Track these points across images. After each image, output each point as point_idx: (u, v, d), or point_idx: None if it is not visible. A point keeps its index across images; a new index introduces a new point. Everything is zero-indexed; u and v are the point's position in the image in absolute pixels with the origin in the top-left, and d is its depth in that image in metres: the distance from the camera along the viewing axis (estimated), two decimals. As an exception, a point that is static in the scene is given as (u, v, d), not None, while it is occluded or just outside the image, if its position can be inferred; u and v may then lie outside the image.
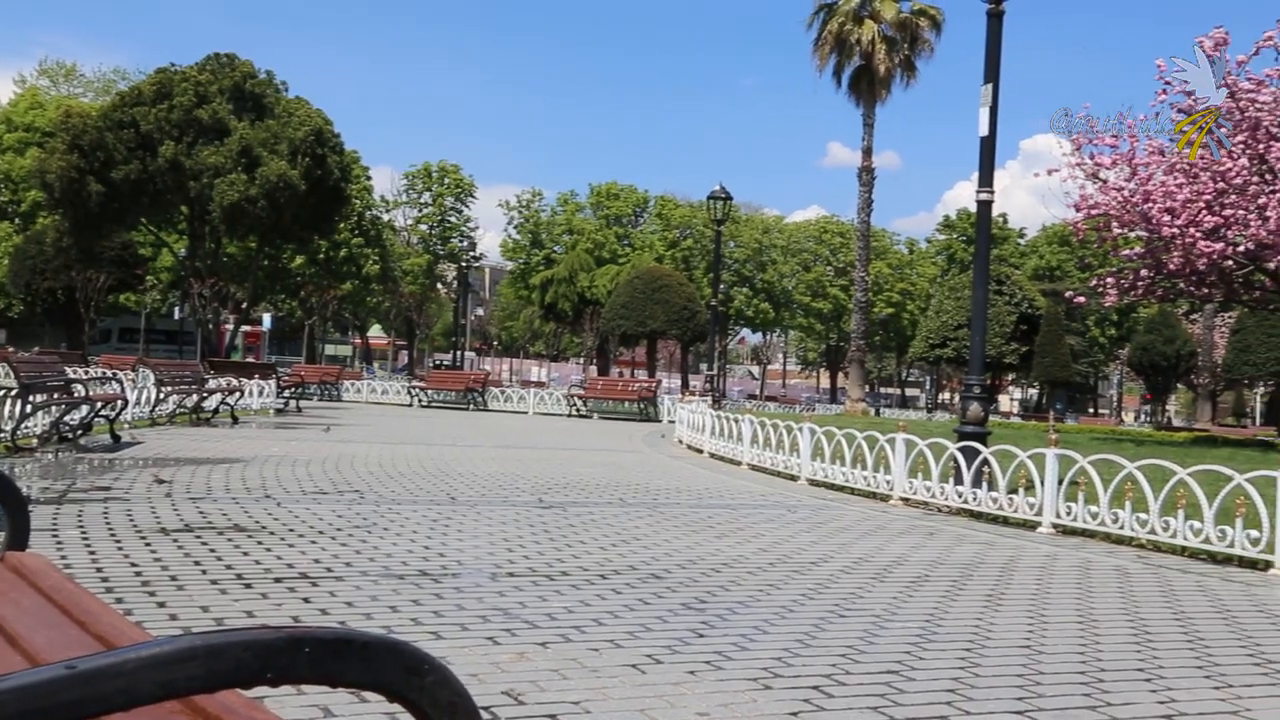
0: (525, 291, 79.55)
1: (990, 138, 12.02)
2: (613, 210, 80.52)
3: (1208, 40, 20.02)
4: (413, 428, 24.01)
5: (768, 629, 5.53)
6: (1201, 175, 20.13)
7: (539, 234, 79.77)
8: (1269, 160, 19.86)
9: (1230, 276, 22.42)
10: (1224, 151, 19.91)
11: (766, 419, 17.06)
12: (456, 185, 76.38)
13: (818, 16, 43.21)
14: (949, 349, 53.81)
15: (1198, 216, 19.78)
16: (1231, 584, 7.83)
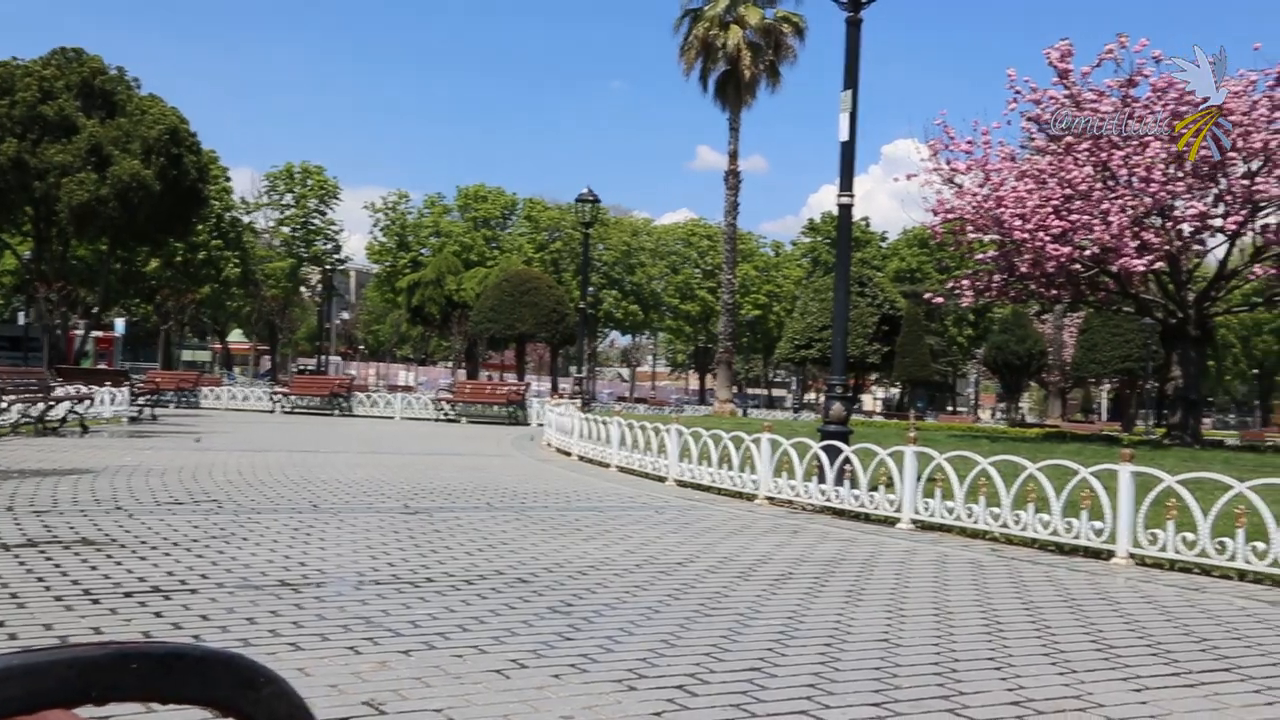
0: (392, 295, 78.34)
1: (850, 143, 12.28)
2: (481, 212, 79.94)
3: (1054, 51, 20.83)
4: (275, 434, 23.45)
5: (633, 630, 5.56)
6: (1049, 181, 20.90)
7: (406, 236, 78.69)
8: (1111, 167, 20.73)
9: (1077, 279, 23.32)
10: (1069, 158, 20.73)
11: (635, 421, 17.14)
12: (320, 187, 74.88)
13: (684, 21, 43.64)
14: (814, 350, 54.79)
15: (1046, 221, 20.51)
16: (1077, 573, 8.15)
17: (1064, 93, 21.11)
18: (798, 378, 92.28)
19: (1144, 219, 20.97)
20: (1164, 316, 23.79)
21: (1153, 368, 53.55)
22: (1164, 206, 21.28)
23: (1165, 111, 20.23)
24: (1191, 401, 23.64)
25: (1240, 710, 4.50)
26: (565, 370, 68.64)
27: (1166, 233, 21.54)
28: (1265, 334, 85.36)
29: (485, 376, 70.92)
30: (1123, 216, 20.07)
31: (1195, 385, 23.72)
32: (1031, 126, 22.41)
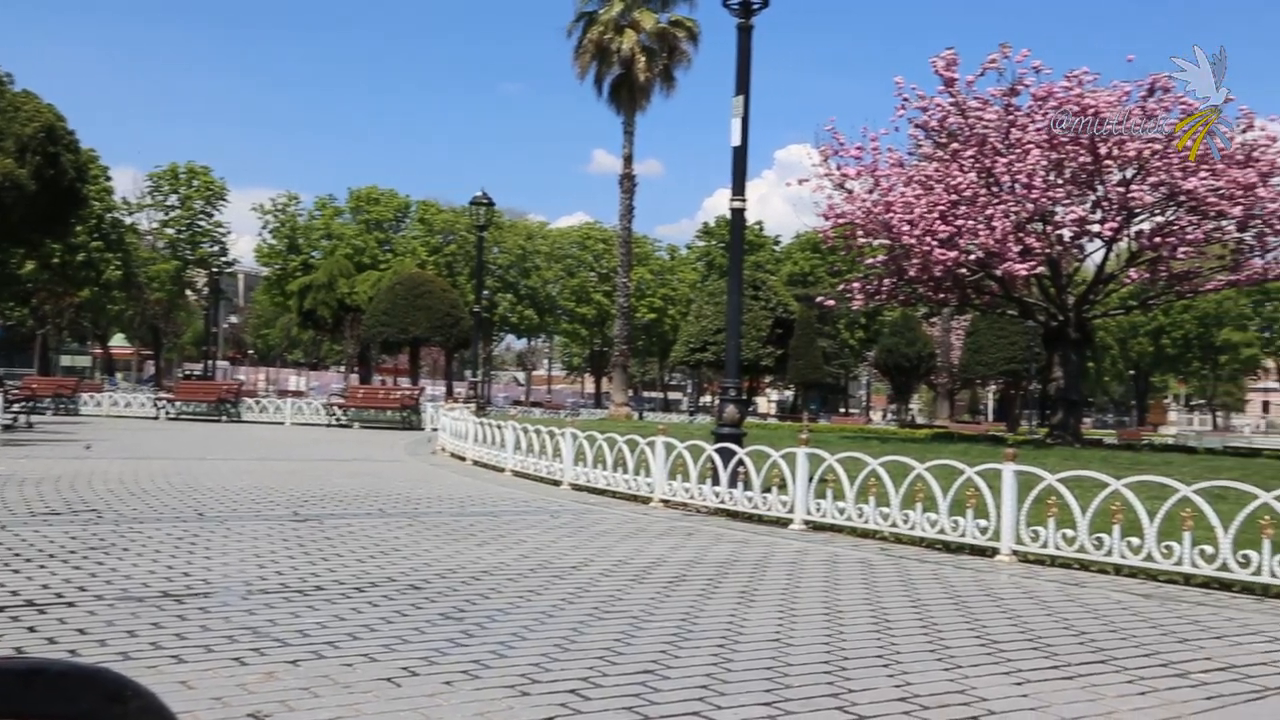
0: (282, 298, 76.76)
1: (742, 147, 12.41)
2: (373, 215, 78.78)
3: (940, 60, 21.32)
4: (159, 441, 22.84)
5: (527, 635, 5.53)
6: (936, 187, 21.39)
7: (296, 239, 77.15)
8: (995, 174, 21.29)
9: (963, 282, 23.90)
10: (955, 164, 21.23)
11: (530, 425, 17.07)
12: (206, 188, 73.01)
13: (578, 24, 43.61)
14: (709, 353, 55.17)
15: (934, 226, 20.98)
16: (963, 571, 8.34)
17: (949, 101, 21.62)
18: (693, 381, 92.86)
19: (1026, 224, 21.58)
20: (1046, 319, 24.49)
21: (1036, 369, 55.09)
22: (1045, 212, 21.94)
23: (1045, 120, 20.85)
24: (1072, 402, 24.37)
25: (1115, 700, 4.65)
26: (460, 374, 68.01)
27: (1047, 238, 22.20)
28: (1141, 336, 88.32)
29: (379, 381, 69.94)
30: (1006, 222, 20.62)
31: (1076, 386, 24.47)
32: (919, 133, 22.92)
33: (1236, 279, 23.52)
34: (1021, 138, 20.90)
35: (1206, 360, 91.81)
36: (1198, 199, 20.52)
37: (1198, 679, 5.07)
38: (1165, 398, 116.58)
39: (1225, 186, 20.39)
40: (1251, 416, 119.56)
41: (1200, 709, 4.56)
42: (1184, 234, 21.47)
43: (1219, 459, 21.62)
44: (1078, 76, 20.84)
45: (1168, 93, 20.81)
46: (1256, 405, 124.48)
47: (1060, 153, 20.81)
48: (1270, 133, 21.11)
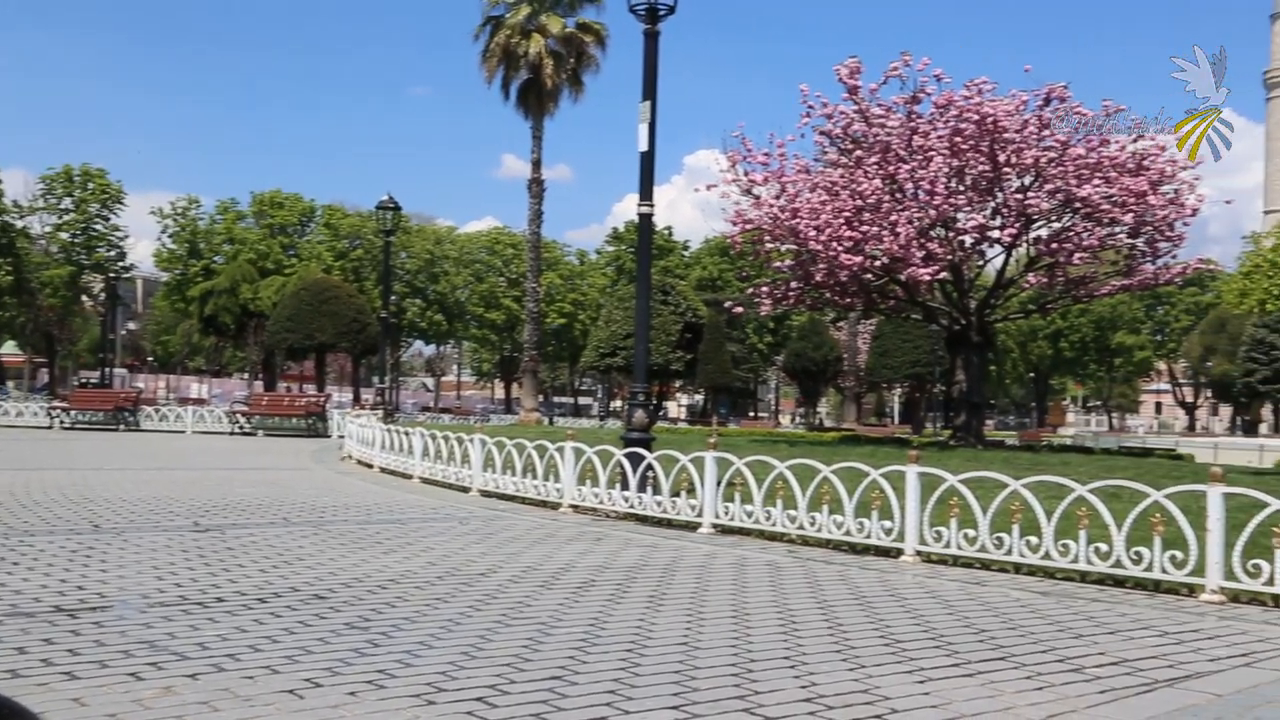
0: (183, 304, 75.07)
1: (650, 153, 12.45)
2: (277, 219, 77.47)
3: (844, 68, 21.62)
4: (52, 452, 22.19)
5: (433, 643, 5.48)
6: (842, 193, 21.67)
7: (197, 243, 75.53)
8: (898, 180, 21.65)
9: (869, 287, 24.26)
10: (860, 171, 21.55)
11: (438, 431, 16.93)
12: (102, 191, 71.00)
13: (485, 28, 43.31)
14: (619, 358, 55.23)
15: (840, 232, 21.26)
16: (868, 572, 8.46)
17: (854, 108, 21.93)
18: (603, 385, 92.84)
19: (929, 230, 21.97)
20: (949, 323, 24.96)
21: (940, 372, 56.11)
22: (947, 218, 22.36)
23: (946, 128, 21.27)
24: (974, 404, 24.87)
25: (1013, 696, 4.75)
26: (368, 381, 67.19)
27: (950, 243, 22.63)
28: (1040, 339, 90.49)
29: (284, 388, 68.79)
30: (910, 228, 20.98)
31: (978, 388, 24.97)
32: (824, 140, 23.22)
33: (1129, 284, 24.23)
34: (924, 145, 21.29)
35: (1102, 363, 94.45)
36: (1092, 206, 21.09)
37: (1092, 673, 5.20)
38: (1064, 399, 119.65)
39: (1118, 194, 20.99)
40: (1145, 417, 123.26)
41: (1094, 702, 4.68)
42: (1079, 240, 22.06)
43: (1114, 459, 22.24)
44: (977, 85, 21.29)
45: (1063, 102, 21.39)
46: (1150, 406, 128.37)
47: (961, 160, 21.24)
48: (1160, 142, 21.77)
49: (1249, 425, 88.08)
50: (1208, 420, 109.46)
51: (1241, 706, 4.68)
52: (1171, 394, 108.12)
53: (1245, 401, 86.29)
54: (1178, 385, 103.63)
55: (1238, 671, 5.35)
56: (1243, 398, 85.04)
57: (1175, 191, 22.16)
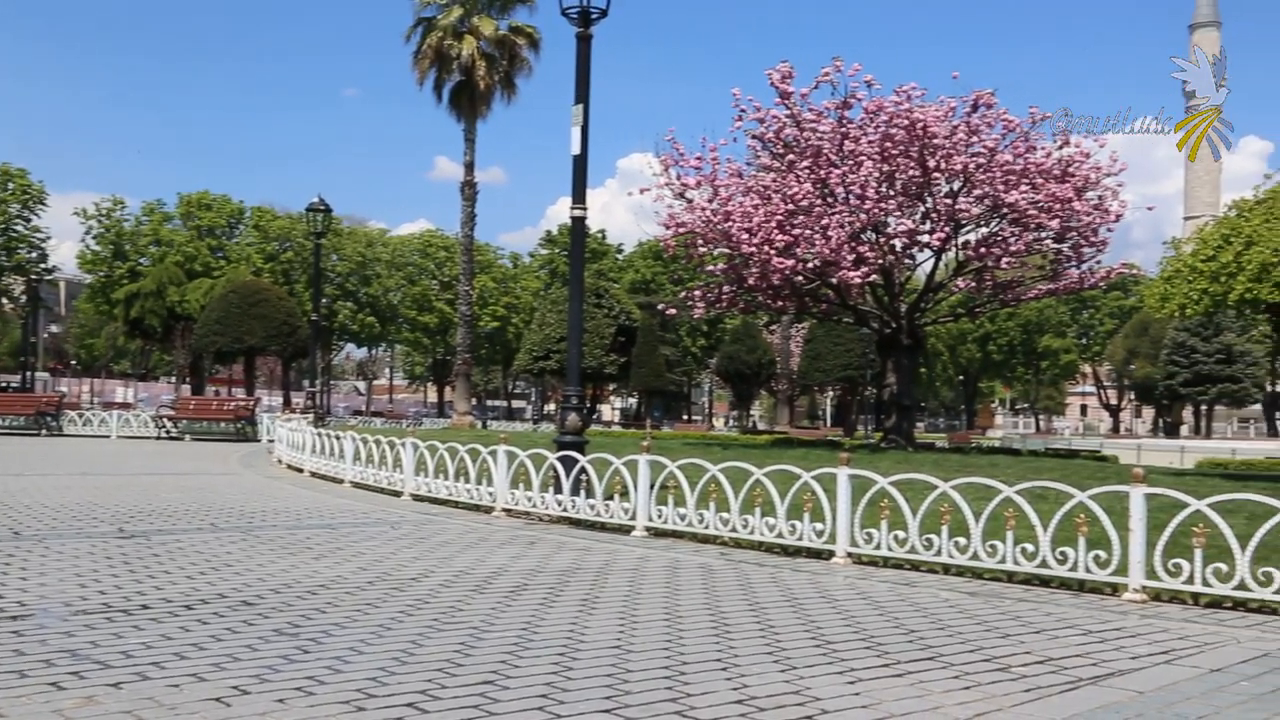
0: (108, 306, 73.55)
1: (582, 156, 12.44)
2: (205, 221, 76.24)
3: (775, 73, 21.78)
4: (-28, 457, 21.63)
5: (364, 649, 5.43)
6: (774, 197, 21.82)
7: (122, 245, 74.07)
8: (830, 184, 21.85)
9: (801, 290, 24.44)
10: (791, 175, 21.71)
11: (370, 435, 16.77)
12: (23, 191, 69.42)
13: (417, 29, 42.98)
14: (553, 361, 55.05)
15: (772, 235, 21.40)
16: (800, 573, 8.52)
17: (785, 113, 22.10)
18: (537, 389, 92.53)
19: (860, 234, 22.20)
20: (880, 326, 25.23)
21: (871, 375, 56.70)
22: (878, 223, 22.60)
23: (877, 133, 21.51)
24: (905, 407, 25.15)
25: (941, 695, 4.81)
26: (298, 384, 66.41)
27: (880, 247, 22.87)
28: (969, 343, 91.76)
29: (212, 392, 67.77)
30: (841, 232, 21.17)
31: (908, 391, 25.26)
32: (757, 144, 23.37)
33: (1055, 288, 24.66)
34: (855, 150, 21.50)
35: (1030, 366, 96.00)
36: (1019, 211, 21.43)
37: (1018, 672, 5.29)
38: (992, 402, 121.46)
39: (1044, 200, 21.35)
40: (1071, 419, 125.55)
41: (1019, 701, 4.76)
42: (1007, 245, 22.41)
43: (1041, 460, 22.62)
44: (907, 91, 21.54)
45: (990, 109, 21.73)
46: (1075, 408, 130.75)
47: (892, 165, 21.48)
48: (1084, 149, 22.20)
49: (1171, 427, 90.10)
50: (1131, 422, 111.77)
51: (1162, 703, 4.78)
52: (1096, 396, 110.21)
53: (1167, 404, 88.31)
54: (1102, 388, 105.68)
55: (1159, 669, 5.47)
56: (1164, 400, 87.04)
57: (1099, 198, 22.61)
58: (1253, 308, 16.54)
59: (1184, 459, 35.59)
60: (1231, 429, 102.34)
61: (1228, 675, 5.34)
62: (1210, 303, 16.28)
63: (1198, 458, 34.04)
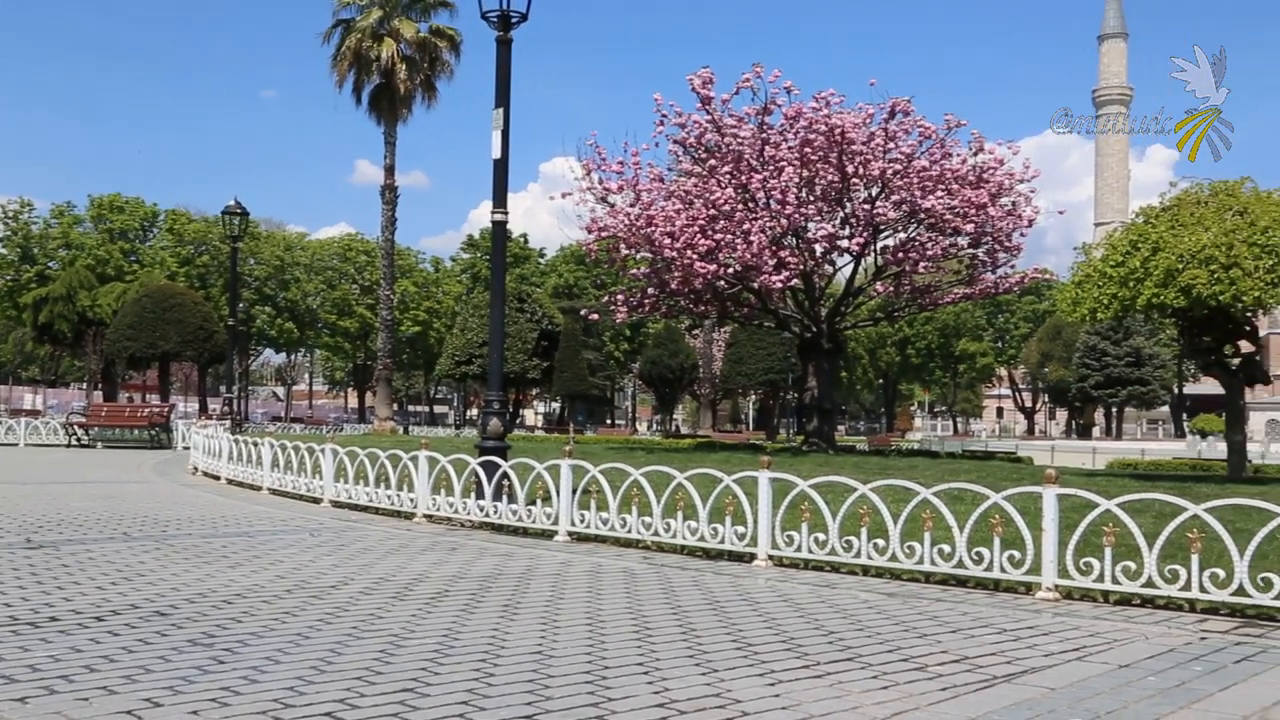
0: (15, 311, 71.67)
1: (503, 160, 12.39)
2: (117, 224, 74.63)
3: (696, 78, 21.89)
4: (-128, 467, 20.92)
5: (281, 659, 5.35)
6: (696, 202, 21.93)
7: (30, 248, 72.23)
8: (750, 189, 22.01)
9: (723, 295, 24.59)
10: (713, 180, 21.83)
11: (288, 441, 16.53)
12: (-74, 191, 67.60)
13: (336, 31, 42.51)
14: (475, 366, 54.78)
15: (694, 240, 21.50)
16: (722, 576, 8.56)
17: (706, 118, 22.22)
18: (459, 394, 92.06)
19: (781, 239, 22.40)
20: (800, 330, 25.47)
21: (793, 379, 57.24)
22: (798, 227, 22.83)
23: (796, 139, 21.72)
24: (826, 410, 25.41)
25: (860, 695, 4.87)
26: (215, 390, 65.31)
27: (801, 252, 23.11)
28: (889, 346, 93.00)
29: (125, 398, 66.37)
30: (762, 236, 21.34)
31: (829, 394, 25.53)
32: (678, 149, 23.46)
33: (971, 292, 25.11)
34: (775, 155, 21.70)
35: (947, 369, 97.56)
36: (936, 216, 21.80)
37: (935, 671, 5.37)
38: (912, 405, 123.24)
39: (960, 205, 21.73)
40: (988, 421, 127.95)
41: (935, 700, 4.83)
42: (924, 250, 22.77)
43: (958, 462, 23.01)
44: (825, 97, 21.79)
45: (907, 115, 22.06)
46: (992, 411, 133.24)
47: (811, 170, 21.71)
48: (998, 156, 22.64)
49: (1083, 428, 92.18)
50: (1045, 424, 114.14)
51: (1073, 699, 4.89)
52: (1012, 399, 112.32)
53: (1079, 406, 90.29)
54: (1017, 390, 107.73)
55: (1070, 665, 5.59)
56: (1077, 402, 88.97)
57: (1013, 204, 23.08)
58: (1160, 312, 16.95)
59: (1096, 460, 36.40)
60: (1141, 430, 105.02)
61: (1135, 671, 5.47)
62: (1119, 307, 16.66)
63: (1109, 458, 34.81)
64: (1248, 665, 5.68)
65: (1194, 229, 15.72)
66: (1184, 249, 15.48)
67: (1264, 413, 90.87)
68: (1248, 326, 17.71)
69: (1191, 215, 16.12)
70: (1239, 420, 19.16)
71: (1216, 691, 5.08)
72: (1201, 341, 17.70)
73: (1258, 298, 15.33)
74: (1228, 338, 17.58)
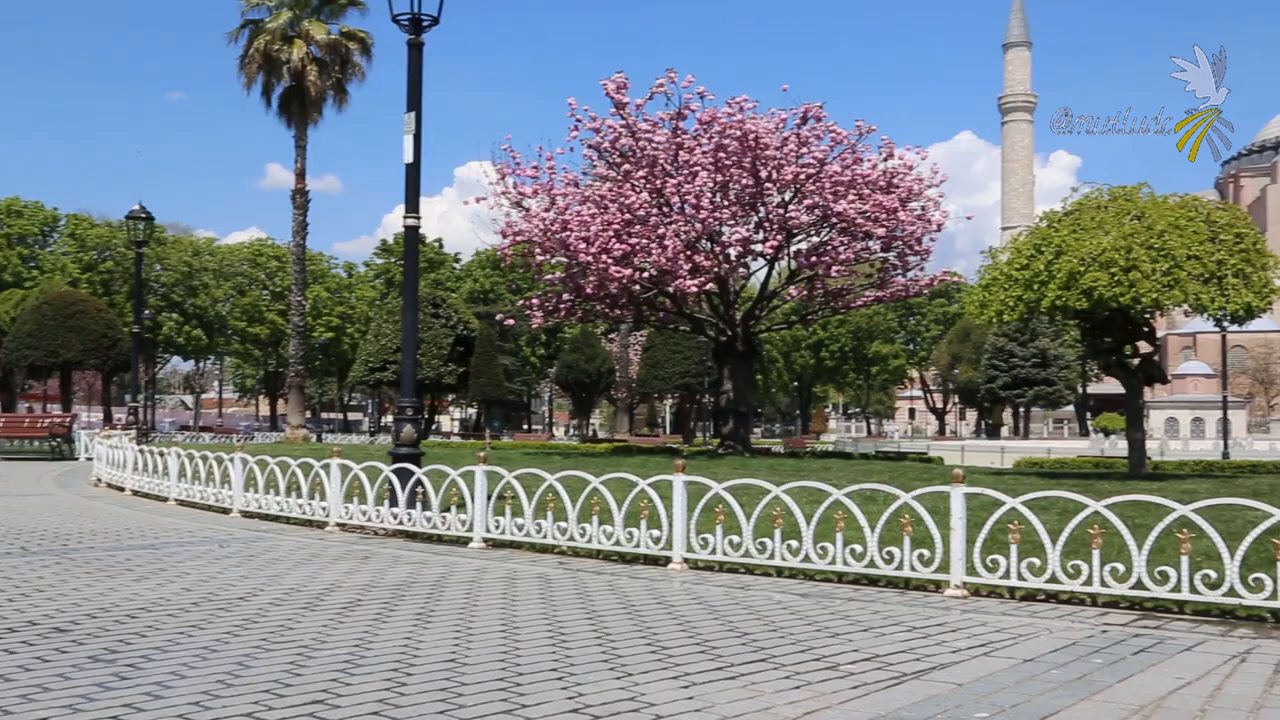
0: (-93, 319, 69.46)
1: (415, 164, 12.29)
2: (15, 229, 72.60)
3: (610, 83, 21.94)
4: None
5: (187, 673, 5.23)
6: (611, 207, 21.97)
7: (-78, 254, 70.05)
8: (665, 194, 22.11)
9: (638, 299, 24.67)
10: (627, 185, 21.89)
11: (196, 451, 16.20)
12: None
13: (244, 31, 41.76)
14: (389, 372, 54.13)
15: (609, 244, 21.54)
16: (637, 580, 8.57)
17: (621, 123, 22.28)
18: (374, 401, 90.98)
19: (696, 243, 22.52)
20: (716, 334, 25.63)
21: (709, 382, 57.54)
22: (713, 232, 22.98)
23: (710, 144, 21.87)
24: (741, 413, 25.60)
25: (772, 696, 4.91)
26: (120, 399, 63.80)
27: (715, 256, 23.27)
28: (803, 349, 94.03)
29: (25, 408, 64.44)
30: (677, 241, 21.45)
31: (744, 398, 25.72)
32: (593, 154, 23.50)
33: (883, 295, 25.50)
34: (689, 160, 21.82)
35: (861, 371, 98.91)
36: (848, 221, 22.09)
37: (846, 670, 5.43)
38: (826, 407, 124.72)
39: (871, 210, 22.06)
40: (900, 423, 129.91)
41: (847, 698, 4.88)
42: (836, 254, 23.08)
43: (871, 463, 23.33)
44: (739, 103, 21.98)
45: (819, 121, 22.34)
46: (904, 412, 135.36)
47: (725, 175, 21.87)
48: (908, 161, 23.03)
49: (992, 428, 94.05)
50: (956, 424, 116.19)
51: (979, 694, 4.98)
52: (924, 400, 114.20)
53: (988, 406, 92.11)
54: (929, 392, 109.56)
55: (977, 661, 5.69)
56: (986, 402, 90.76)
57: (923, 208, 23.49)
58: (1063, 314, 17.38)
59: (1004, 459, 37.15)
60: (1047, 429, 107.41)
61: (1039, 665, 5.59)
62: (1025, 309, 17.04)
63: (1016, 457, 35.56)
64: (1145, 656, 5.84)
65: (1094, 233, 16.14)
66: (1085, 252, 15.89)
67: (1163, 411, 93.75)
68: (1146, 328, 18.23)
69: (1092, 219, 16.56)
70: (1139, 419, 19.70)
71: (1115, 683, 5.21)
72: (1103, 342, 18.17)
73: (1155, 299, 15.78)
74: (1128, 339, 18.07)
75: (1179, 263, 15.66)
